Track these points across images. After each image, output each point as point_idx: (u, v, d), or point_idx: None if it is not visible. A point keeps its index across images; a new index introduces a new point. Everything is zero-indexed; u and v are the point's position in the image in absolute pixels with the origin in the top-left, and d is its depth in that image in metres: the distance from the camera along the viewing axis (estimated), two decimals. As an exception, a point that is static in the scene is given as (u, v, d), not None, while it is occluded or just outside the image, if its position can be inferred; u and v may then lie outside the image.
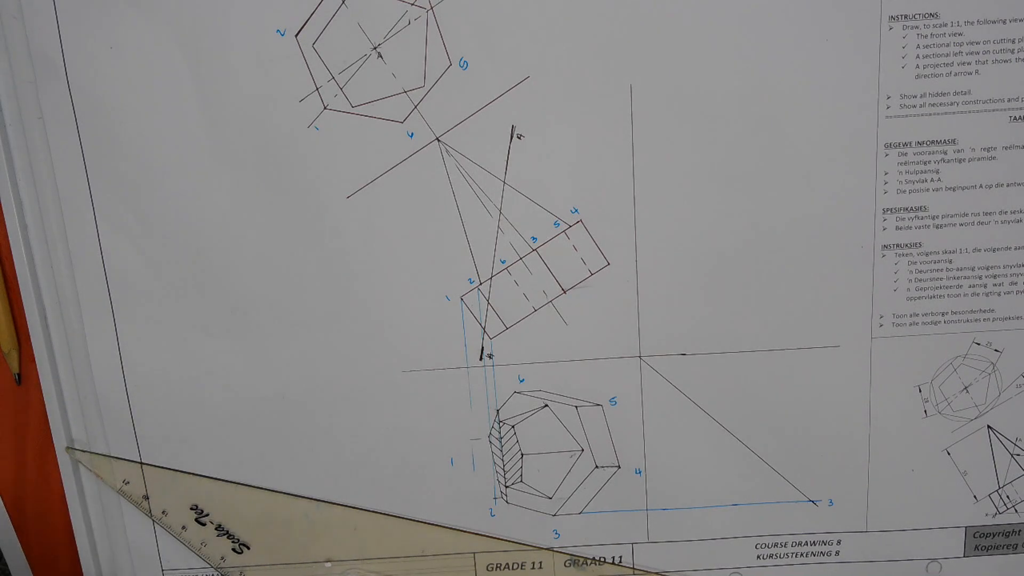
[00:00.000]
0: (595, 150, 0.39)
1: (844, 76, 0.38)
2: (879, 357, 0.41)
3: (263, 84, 0.38)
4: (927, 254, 0.40)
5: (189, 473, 0.43)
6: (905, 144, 0.39)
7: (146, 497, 0.43)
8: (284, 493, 0.43)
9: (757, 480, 0.43)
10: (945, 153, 0.39)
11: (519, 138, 0.39)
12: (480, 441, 0.43)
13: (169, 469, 0.43)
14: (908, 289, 0.41)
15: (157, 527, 0.44)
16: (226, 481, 0.43)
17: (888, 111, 0.38)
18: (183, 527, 0.43)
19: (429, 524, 0.44)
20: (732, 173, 0.39)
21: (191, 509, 0.43)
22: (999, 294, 0.41)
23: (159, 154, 0.39)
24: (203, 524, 0.43)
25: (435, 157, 0.39)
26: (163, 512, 0.43)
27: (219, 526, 0.43)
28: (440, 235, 0.40)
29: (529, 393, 0.42)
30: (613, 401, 0.42)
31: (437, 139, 0.39)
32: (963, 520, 0.43)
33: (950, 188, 0.39)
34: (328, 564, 0.44)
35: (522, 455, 0.43)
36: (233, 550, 0.44)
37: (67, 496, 0.43)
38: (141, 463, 0.43)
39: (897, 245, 0.40)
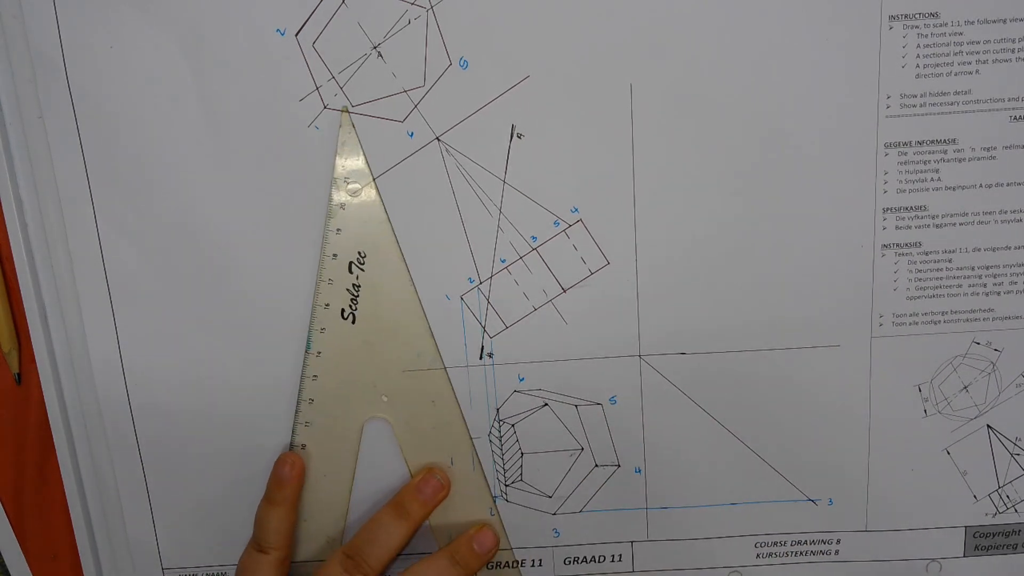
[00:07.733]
0: (595, 150, 0.39)
1: (844, 76, 0.38)
2: (879, 357, 0.41)
3: (263, 84, 0.38)
4: (927, 254, 0.40)
5: None
6: (905, 144, 0.39)
7: None
8: None
9: (757, 479, 0.43)
10: (945, 153, 0.39)
11: (519, 138, 0.39)
12: (480, 440, 0.43)
13: None
14: (908, 289, 0.41)
15: (157, 526, 0.44)
16: None
17: (888, 111, 0.38)
18: None
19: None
20: (732, 173, 0.39)
21: None
22: (999, 294, 0.41)
23: (159, 154, 0.39)
24: None
25: (435, 157, 0.39)
26: None
27: None
28: (440, 235, 0.40)
29: (529, 392, 0.42)
30: (613, 400, 0.42)
31: (437, 139, 0.39)
32: (963, 520, 0.43)
33: (950, 188, 0.39)
34: (385, 399, 0.42)
35: (522, 454, 0.43)
36: None
37: (67, 496, 0.43)
38: None
39: (897, 245, 0.40)
